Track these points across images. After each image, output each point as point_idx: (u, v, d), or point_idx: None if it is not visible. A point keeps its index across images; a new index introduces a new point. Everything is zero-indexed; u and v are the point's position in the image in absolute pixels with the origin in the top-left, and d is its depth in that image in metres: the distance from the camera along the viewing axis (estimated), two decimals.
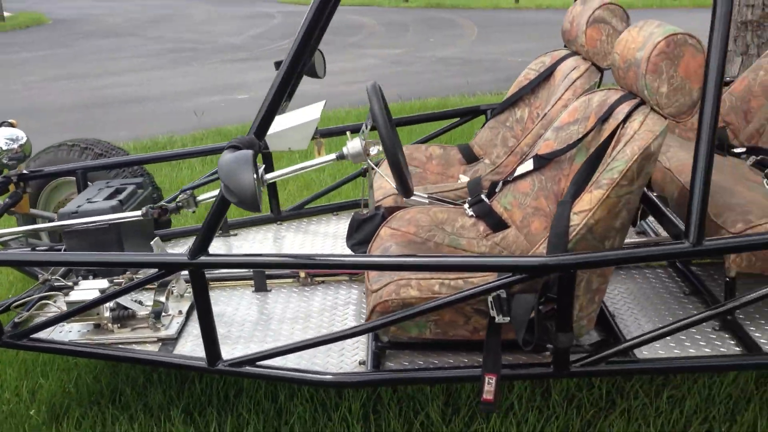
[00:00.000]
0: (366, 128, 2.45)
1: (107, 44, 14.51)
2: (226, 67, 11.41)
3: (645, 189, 2.26)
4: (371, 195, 2.74)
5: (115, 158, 3.23)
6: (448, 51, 12.16)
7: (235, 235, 3.17)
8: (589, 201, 1.97)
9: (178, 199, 2.85)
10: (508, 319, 1.98)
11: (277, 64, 3.21)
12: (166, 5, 22.20)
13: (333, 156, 2.50)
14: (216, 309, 2.53)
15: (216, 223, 1.97)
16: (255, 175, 1.75)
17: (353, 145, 2.40)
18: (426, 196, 2.69)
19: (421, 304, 2.01)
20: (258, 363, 2.14)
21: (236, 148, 1.82)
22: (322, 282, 2.74)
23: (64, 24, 18.16)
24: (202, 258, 2.01)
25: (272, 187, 3.24)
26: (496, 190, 2.57)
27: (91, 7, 22.45)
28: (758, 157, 2.83)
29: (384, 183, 2.88)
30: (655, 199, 2.32)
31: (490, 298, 1.99)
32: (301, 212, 3.34)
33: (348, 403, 2.56)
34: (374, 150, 2.49)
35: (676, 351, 2.18)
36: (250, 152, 1.74)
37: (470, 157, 3.21)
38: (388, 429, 2.47)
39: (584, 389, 2.66)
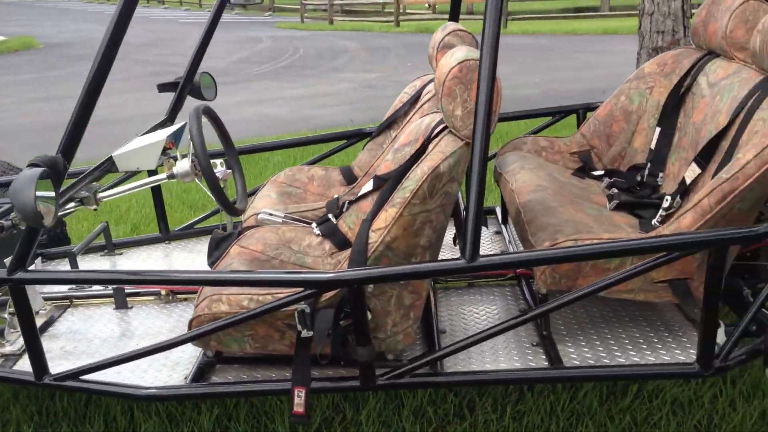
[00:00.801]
0: (191, 149, 2.53)
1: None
2: None
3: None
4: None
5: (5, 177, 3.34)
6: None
7: (121, 254, 3.27)
8: (384, 219, 2.06)
9: (78, 195, 2.88)
10: (312, 333, 2.07)
11: (160, 87, 3.34)
12: (170, 30, 22.53)
13: (164, 175, 2.60)
14: (73, 326, 2.62)
15: (31, 239, 2.07)
16: (45, 193, 1.85)
17: (182, 165, 2.50)
18: (282, 215, 2.79)
19: (229, 318, 2.10)
20: (82, 377, 2.22)
21: (36, 165, 1.92)
22: (185, 299, 2.83)
23: (56, 48, 18.48)
24: (20, 274, 2.11)
25: (160, 207, 3.34)
26: (344, 210, 2.67)
27: (91, 30, 22.81)
28: (611, 180, 2.92)
29: None
30: (460, 217, 2.43)
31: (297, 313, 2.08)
32: (189, 232, 3.44)
33: (199, 417, 2.65)
34: (219, 172, 2.59)
35: (488, 365, 2.25)
36: (37, 171, 1.84)
37: (350, 179, 3.30)
38: None
39: (438, 403, 2.73)
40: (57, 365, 2.29)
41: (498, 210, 3.40)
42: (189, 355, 2.40)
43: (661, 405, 2.66)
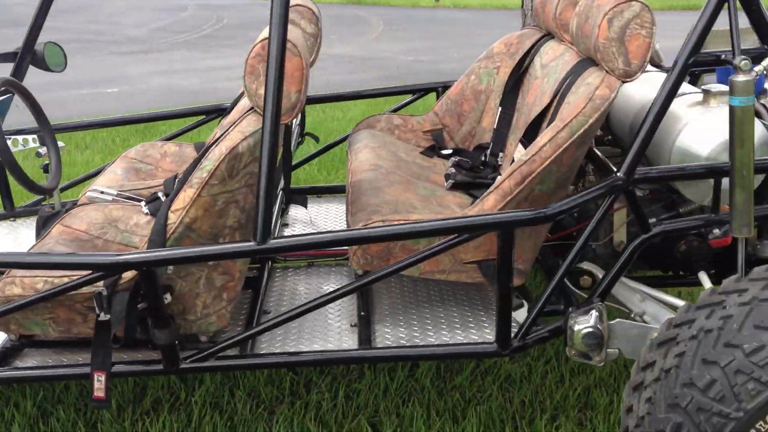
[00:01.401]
0: None
1: (6, 34, 14.11)
2: (114, 60, 11.25)
3: None
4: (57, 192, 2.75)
5: None
6: (344, 48, 12.19)
7: None
8: (183, 199, 2.02)
9: None
10: (109, 316, 2.02)
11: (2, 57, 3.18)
12: None
13: None
14: None
15: None
16: None
17: None
18: (115, 193, 2.71)
19: (20, 300, 2.03)
20: None
21: None
22: None
23: None
24: None
25: (3, 183, 3.21)
26: None
27: None
28: (457, 159, 2.93)
29: None
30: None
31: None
32: (37, 209, 3.31)
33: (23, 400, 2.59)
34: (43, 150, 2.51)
35: (302, 346, 2.24)
36: None
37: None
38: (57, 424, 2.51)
39: (276, 383, 2.73)
40: None
41: None
42: None
43: (493, 381, 2.72)
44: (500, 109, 2.91)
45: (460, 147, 3.10)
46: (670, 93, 1.95)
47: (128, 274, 2.02)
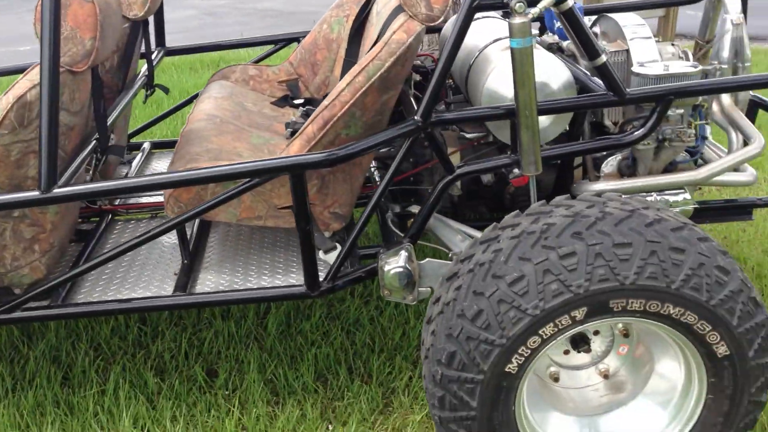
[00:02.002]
0: None
1: None
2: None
3: None
4: None
5: None
6: (270, 3, 11.97)
7: None
8: None
9: None
10: None
11: None
12: None
13: None
14: None
15: None
16: None
17: None
18: None
19: None
20: None
21: None
22: None
23: None
24: None
25: None
26: None
27: None
28: (305, 108, 2.93)
29: None
30: None
31: None
32: None
33: None
34: None
35: (119, 296, 2.25)
36: None
37: None
38: None
39: (123, 335, 2.74)
40: None
41: None
42: None
43: (340, 325, 2.78)
44: (344, 57, 2.91)
45: (315, 97, 3.10)
46: (458, 36, 1.97)
47: None
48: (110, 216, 2.72)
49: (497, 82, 2.23)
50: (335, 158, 1.98)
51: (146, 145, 3.28)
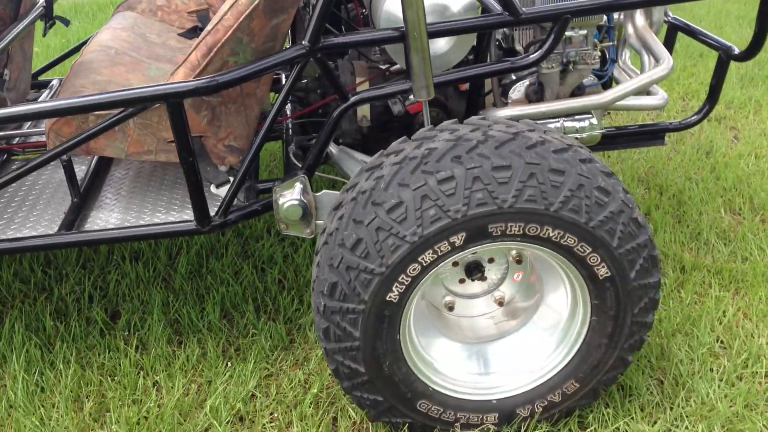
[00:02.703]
0: None
1: None
2: None
3: None
4: None
5: None
6: None
7: None
8: None
9: None
10: None
11: None
12: None
13: None
14: None
15: None
16: None
17: None
18: None
19: None
20: None
21: None
22: None
23: None
24: None
25: None
26: None
27: None
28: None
29: None
30: None
31: None
32: None
33: None
34: None
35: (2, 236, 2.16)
36: None
37: None
38: None
39: (22, 276, 2.66)
40: None
41: None
42: None
43: (254, 263, 2.72)
44: None
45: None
46: None
47: None
48: (6, 155, 2.60)
49: (394, 5, 2.13)
50: (215, 85, 1.88)
51: (55, 82, 3.14)
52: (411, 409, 1.86)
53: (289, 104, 2.64)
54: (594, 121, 2.32)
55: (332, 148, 2.40)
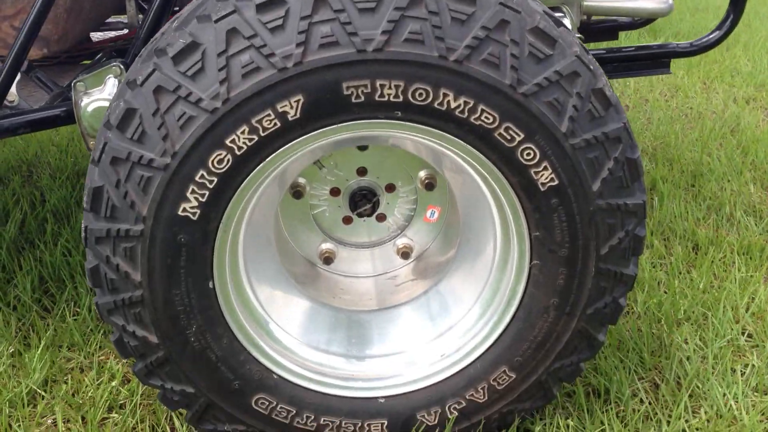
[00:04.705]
0: None
1: None
2: None
3: None
4: None
5: None
6: None
7: None
8: None
9: None
10: None
11: None
12: None
13: None
14: None
15: None
16: None
17: None
18: None
19: None
20: None
21: None
22: None
23: None
24: None
25: None
26: None
27: None
28: None
29: None
30: None
31: None
32: None
33: None
34: None
35: None
36: None
37: None
38: None
39: None
40: None
41: None
42: None
43: None
44: None
45: None
46: None
47: None
48: None
49: None
50: None
51: None
52: (243, 410, 1.16)
53: None
54: (567, 22, 1.66)
55: None
